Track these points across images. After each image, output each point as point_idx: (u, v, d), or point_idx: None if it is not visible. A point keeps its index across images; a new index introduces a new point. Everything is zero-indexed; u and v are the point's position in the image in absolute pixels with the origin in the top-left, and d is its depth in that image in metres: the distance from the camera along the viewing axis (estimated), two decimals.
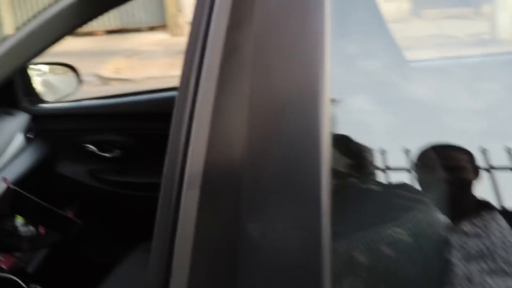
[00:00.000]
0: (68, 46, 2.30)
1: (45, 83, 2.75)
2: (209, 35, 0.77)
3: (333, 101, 0.80)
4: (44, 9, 2.34)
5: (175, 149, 0.83)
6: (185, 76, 0.82)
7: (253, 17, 0.75)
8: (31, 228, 1.91)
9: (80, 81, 2.73)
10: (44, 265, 2.28)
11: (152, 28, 14.09)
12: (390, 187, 0.99)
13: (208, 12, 0.78)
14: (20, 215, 1.68)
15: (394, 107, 1.12)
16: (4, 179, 1.50)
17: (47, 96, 2.69)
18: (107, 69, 10.42)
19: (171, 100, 2.51)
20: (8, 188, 1.46)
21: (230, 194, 0.77)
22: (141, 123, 2.55)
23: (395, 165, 0.99)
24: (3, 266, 2.15)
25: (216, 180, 0.79)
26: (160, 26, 13.95)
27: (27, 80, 2.59)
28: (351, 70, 1.00)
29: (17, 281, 1.92)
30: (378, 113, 1.05)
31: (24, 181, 2.34)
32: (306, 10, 0.76)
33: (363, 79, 1.10)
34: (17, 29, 2.40)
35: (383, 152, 1.00)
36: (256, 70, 0.75)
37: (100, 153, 2.57)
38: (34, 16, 2.35)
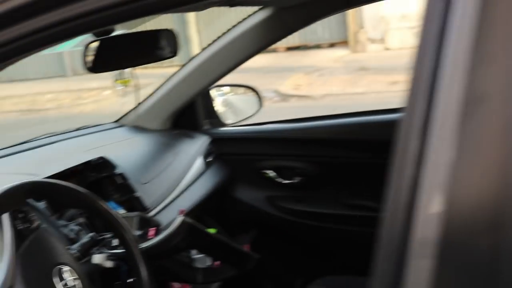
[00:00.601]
0: (249, 62, 2.22)
1: (226, 104, 2.71)
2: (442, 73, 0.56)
3: None
4: (229, 30, 2.31)
5: (396, 200, 0.61)
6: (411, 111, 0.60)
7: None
8: (207, 260, 1.84)
9: (261, 103, 2.65)
10: None
11: (332, 45, 14.04)
12: None
13: (437, 45, 0.57)
14: (196, 249, 1.60)
15: None
16: (181, 212, 1.42)
17: (227, 117, 2.65)
18: (286, 86, 10.53)
19: (357, 125, 2.38)
20: (184, 222, 1.38)
21: (483, 272, 0.55)
22: (323, 149, 2.39)
23: None
24: None
25: (460, 250, 0.56)
26: (340, 42, 13.87)
27: (208, 101, 2.56)
28: None
29: None
30: None
31: (202, 205, 2.31)
32: None
33: None
34: (203, 49, 2.42)
35: None
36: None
37: (279, 179, 2.45)
38: (219, 37, 2.33)
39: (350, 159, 2.33)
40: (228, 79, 2.42)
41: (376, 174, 1.28)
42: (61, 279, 1.22)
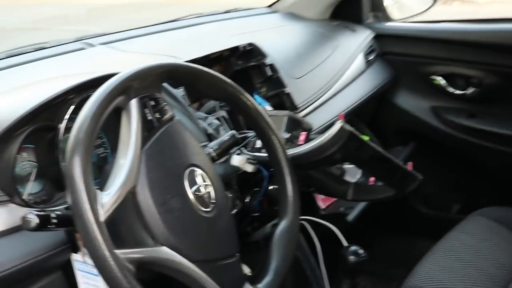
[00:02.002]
0: None
1: None
2: None
3: None
4: None
5: None
6: None
7: None
8: (360, 175, 1.59)
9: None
10: (366, 214, 1.99)
11: None
12: None
13: None
14: (353, 162, 1.34)
15: None
16: (340, 117, 1.15)
17: (395, 11, 2.35)
18: None
19: None
20: (344, 129, 1.12)
21: None
22: (507, 58, 2.00)
23: None
24: (322, 206, 1.90)
25: None
26: None
27: None
28: None
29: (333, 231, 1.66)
30: None
31: (358, 109, 2.04)
32: None
33: None
34: None
35: None
36: None
37: (450, 88, 2.11)
38: None
39: None
40: None
41: None
42: (192, 184, 1.02)
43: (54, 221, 0.92)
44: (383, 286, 2.27)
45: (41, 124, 1.11)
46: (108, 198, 0.87)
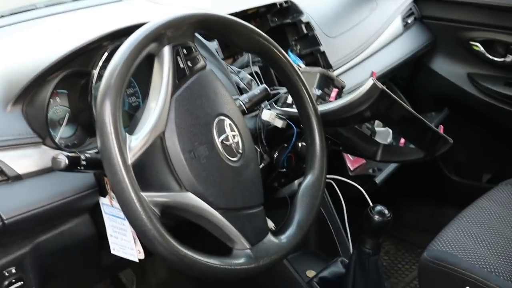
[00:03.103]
0: None
1: None
2: None
3: None
4: None
5: None
6: None
7: None
8: (390, 136, 1.57)
9: None
10: (395, 177, 1.97)
11: None
12: None
13: None
14: (383, 121, 1.33)
15: None
16: (373, 74, 1.13)
17: None
18: None
19: None
20: (376, 86, 1.10)
21: None
22: None
23: None
24: (351, 167, 1.90)
25: None
26: None
27: None
28: None
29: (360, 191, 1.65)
30: None
31: (392, 72, 2.01)
32: None
33: None
34: None
35: None
36: None
37: (488, 55, 2.05)
38: None
39: None
40: None
41: None
42: (221, 133, 1.02)
43: (83, 163, 0.93)
44: (406, 251, 2.27)
45: (75, 70, 1.12)
46: (137, 142, 0.88)
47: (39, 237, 1.05)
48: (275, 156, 1.34)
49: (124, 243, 1.07)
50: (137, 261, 1.07)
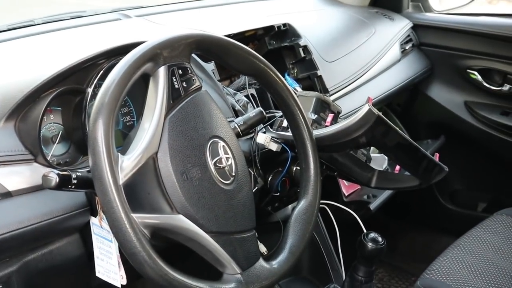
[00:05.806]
0: None
1: None
2: None
3: None
4: None
5: None
6: None
7: None
8: (385, 162, 1.57)
9: None
10: (389, 204, 1.96)
11: None
12: None
13: None
14: (378, 148, 1.32)
15: None
16: (369, 100, 1.13)
17: (435, 2, 2.30)
18: None
19: None
20: (372, 112, 1.09)
21: None
22: None
23: None
24: (345, 193, 1.89)
25: None
26: None
27: None
28: None
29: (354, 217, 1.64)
30: None
31: (389, 98, 2.01)
32: None
33: None
34: None
35: None
36: None
37: (485, 84, 2.06)
38: None
39: None
40: None
41: None
42: (214, 155, 1.01)
43: (74, 181, 0.92)
44: (400, 279, 2.25)
45: (69, 87, 1.11)
46: (129, 162, 0.87)
47: (28, 255, 1.03)
48: (269, 179, 1.33)
49: (109, 266, 1.05)
50: (119, 286, 1.06)
